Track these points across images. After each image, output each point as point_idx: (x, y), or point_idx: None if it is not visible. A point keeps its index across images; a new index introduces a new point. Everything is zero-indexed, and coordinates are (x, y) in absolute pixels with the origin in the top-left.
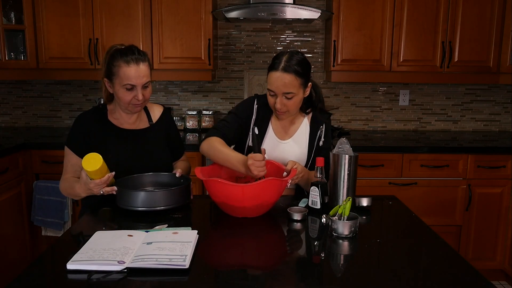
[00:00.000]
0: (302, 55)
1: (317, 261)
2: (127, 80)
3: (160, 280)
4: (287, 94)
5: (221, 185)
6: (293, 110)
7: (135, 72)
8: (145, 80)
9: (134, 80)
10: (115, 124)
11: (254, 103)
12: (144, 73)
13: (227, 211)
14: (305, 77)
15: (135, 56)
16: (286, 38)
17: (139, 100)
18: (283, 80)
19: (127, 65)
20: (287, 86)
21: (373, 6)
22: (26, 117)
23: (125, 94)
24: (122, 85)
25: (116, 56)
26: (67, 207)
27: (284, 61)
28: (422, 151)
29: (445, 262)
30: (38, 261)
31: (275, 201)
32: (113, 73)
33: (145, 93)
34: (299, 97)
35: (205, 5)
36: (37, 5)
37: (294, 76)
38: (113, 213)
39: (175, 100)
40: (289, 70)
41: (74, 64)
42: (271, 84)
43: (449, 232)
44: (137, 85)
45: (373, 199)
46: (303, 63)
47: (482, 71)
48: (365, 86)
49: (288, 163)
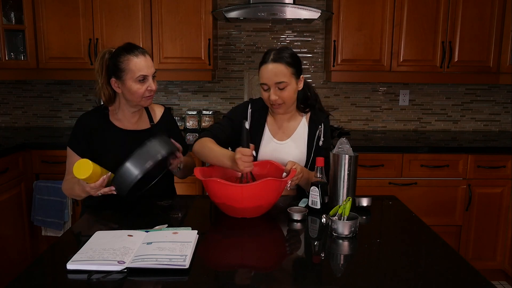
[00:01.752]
0: (291, 50)
1: (317, 261)
2: (139, 71)
3: (160, 280)
4: (279, 84)
5: (220, 185)
6: (288, 102)
7: (145, 62)
8: (153, 70)
9: (145, 70)
10: (116, 125)
11: (248, 107)
12: (151, 64)
13: (227, 212)
14: (296, 67)
15: (140, 49)
16: (286, 38)
17: (153, 90)
18: (274, 70)
19: (136, 57)
20: (278, 75)
21: (373, 6)
22: (26, 117)
23: (138, 87)
24: (135, 78)
25: (120, 53)
26: (67, 207)
27: (273, 53)
28: (422, 151)
29: (445, 262)
30: (38, 261)
31: (274, 201)
32: (121, 69)
33: (155, 84)
34: (292, 87)
35: (205, 5)
36: (37, 5)
37: (284, 65)
38: (113, 213)
39: (175, 100)
40: (279, 60)
41: (74, 64)
42: (263, 77)
43: (449, 232)
44: (148, 74)
45: (373, 199)
46: (291, 55)
47: (482, 71)
48: (365, 86)
49: (288, 163)
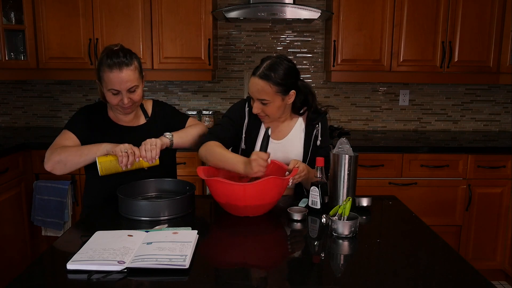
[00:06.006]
0: (288, 63)
1: (317, 261)
2: (111, 85)
3: (160, 280)
4: (262, 100)
5: (223, 184)
6: (273, 115)
7: (118, 78)
8: (129, 85)
9: (117, 86)
10: (114, 121)
11: (245, 106)
12: (128, 78)
13: (230, 211)
14: (285, 86)
15: (118, 60)
16: (286, 38)
17: (125, 104)
18: (257, 86)
19: (110, 70)
20: (260, 92)
21: (373, 6)
22: (26, 117)
23: (112, 98)
24: (108, 89)
25: (102, 59)
26: (67, 207)
27: (264, 67)
28: (422, 151)
29: (445, 262)
30: (38, 261)
31: (277, 200)
32: (100, 76)
33: (133, 96)
34: (275, 104)
35: (205, 5)
36: (37, 5)
37: (268, 84)
38: (113, 213)
39: (175, 100)
40: (264, 77)
41: (74, 64)
42: (249, 88)
43: (449, 232)
44: (121, 90)
45: (373, 199)
46: (285, 72)
47: (482, 71)
48: (365, 86)
49: (291, 162)
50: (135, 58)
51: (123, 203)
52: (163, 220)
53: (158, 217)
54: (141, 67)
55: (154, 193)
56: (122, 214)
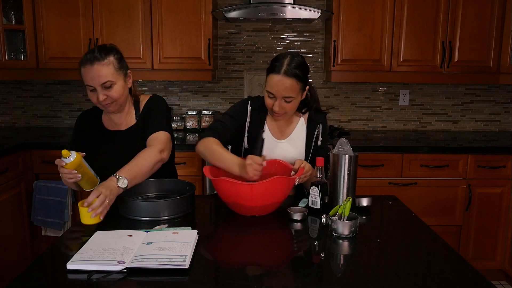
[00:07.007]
0: (301, 58)
1: (317, 261)
2: (85, 81)
3: (160, 280)
4: (287, 98)
5: (230, 184)
6: (290, 112)
7: (89, 73)
8: (102, 80)
9: (90, 81)
10: (104, 125)
11: (248, 105)
12: (99, 73)
13: (236, 210)
14: (304, 81)
15: (92, 55)
16: (286, 38)
17: (100, 101)
18: (284, 84)
19: (83, 66)
20: (288, 90)
21: (373, 6)
22: (26, 117)
23: (90, 95)
24: (86, 87)
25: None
26: (67, 207)
27: (286, 64)
28: (422, 151)
29: (445, 262)
30: (38, 261)
31: (283, 199)
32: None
33: (110, 93)
34: (297, 101)
35: (205, 5)
36: (37, 5)
37: (295, 80)
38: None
39: (175, 100)
40: (290, 74)
41: (74, 64)
42: (272, 87)
43: (449, 232)
44: (94, 85)
45: (373, 199)
46: (302, 67)
47: (482, 71)
48: (365, 86)
49: (296, 162)
50: (113, 54)
51: (123, 203)
52: (163, 220)
53: (158, 217)
54: (121, 64)
55: (154, 193)
56: (122, 214)
